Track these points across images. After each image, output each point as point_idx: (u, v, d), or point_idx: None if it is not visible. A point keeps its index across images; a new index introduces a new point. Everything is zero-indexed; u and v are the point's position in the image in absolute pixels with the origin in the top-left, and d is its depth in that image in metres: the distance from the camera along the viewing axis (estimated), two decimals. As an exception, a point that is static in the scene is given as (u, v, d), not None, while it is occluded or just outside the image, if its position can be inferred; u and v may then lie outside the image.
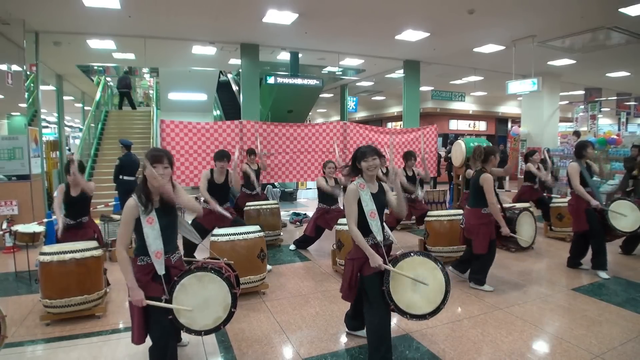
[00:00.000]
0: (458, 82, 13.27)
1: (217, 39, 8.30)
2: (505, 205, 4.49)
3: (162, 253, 2.32)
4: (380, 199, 2.72)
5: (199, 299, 2.36)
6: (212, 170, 4.59)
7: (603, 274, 4.49)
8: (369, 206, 2.63)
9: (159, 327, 2.33)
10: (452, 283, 4.25)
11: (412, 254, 2.64)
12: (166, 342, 2.38)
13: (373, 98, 18.22)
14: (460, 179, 7.80)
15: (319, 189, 5.64)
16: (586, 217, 4.51)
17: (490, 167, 4.06)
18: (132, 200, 2.30)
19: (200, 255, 4.47)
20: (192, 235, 2.80)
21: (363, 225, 2.66)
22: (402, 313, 2.55)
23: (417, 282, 2.55)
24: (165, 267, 2.36)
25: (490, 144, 9.05)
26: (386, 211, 3.21)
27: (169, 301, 2.29)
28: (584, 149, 4.60)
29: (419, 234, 6.44)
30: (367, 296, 2.67)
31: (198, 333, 2.38)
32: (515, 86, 9.11)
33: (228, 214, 4.47)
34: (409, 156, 5.87)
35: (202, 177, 4.58)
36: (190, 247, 4.37)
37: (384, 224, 2.80)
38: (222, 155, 4.52)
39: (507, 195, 10.39)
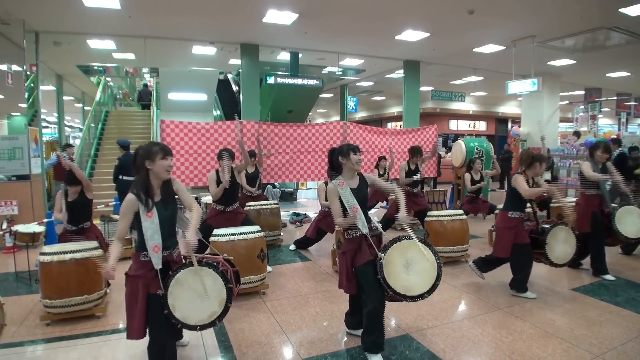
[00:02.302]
0: (458, 82, 13.27)
1: (217, 39, 8.30)
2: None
3: (160, 248, 2.32)
4: (361, 192, 2.82)
5: (194, 294, 2.35)
6: (217, 172, 4.56)
7: (607, 277, 4.45)
8: (350, 202, 2.73)
9: (157, 325, 2.33)
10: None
11: (401, 238, 2.74)
12: (164, 340, 2.37)
13: (373, 98, 18.23)
14: (460, 179, 7.80)
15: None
16: (591, 220, 4.48)
17: (532, 174, 3.82)
18: (132, 195, 2.30)
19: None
20: None
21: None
22: (402, 297, 2.65)
23: (408, 264, 2.68)
24: (167, 262, 2.37)
25: (491, 144, 9.10)
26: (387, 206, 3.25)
27: (165, 295, 2.28)
28: (594, 150, 4.51)
29: (419, 233, 6.44)
30: (363, 286, 2.79)
31: (193, 328, 2.37)
32: (515, 86, 9.11)
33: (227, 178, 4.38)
34: (415, 152, 5.81)
35: (210, 181, 4.54)
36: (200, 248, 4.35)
37: (370, 216, 2.92)
38: (224, 155, 4.48)
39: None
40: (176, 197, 2.49)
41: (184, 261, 2.50)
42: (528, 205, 4.33)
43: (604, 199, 4.48)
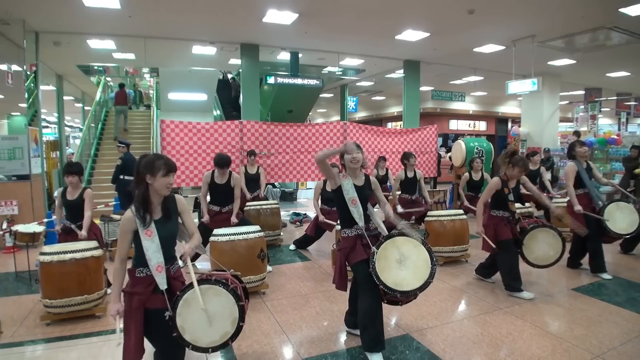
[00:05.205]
0: (458, 82, 13.27)
1: (217, 39, 8.30)
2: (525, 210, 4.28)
3: (164, 267, 2.19)
4: (364, 192, 2.86)
5: (204, 314, 2.21)
6: (213, 172, 4.54)
7: (604, 275, 4.48)
8: (350, 194, 2.77)
9: (162, 340, 2.22)
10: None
11: (394, 234, 2.75)
12: (175, 352, 2.28)
13: (373, 98, 18.22)
14: (460, 179, 7.79)
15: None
16: (584, 219, 4.50)
17: (509, 174, 3.88)
18: (130, 212, 2.18)
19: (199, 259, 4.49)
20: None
21: (346, 216, 2.81)
22: (392, 291, 2.63)
23: (401, 260, 2.68)
24: (166, 279, 2.23)
25: (491, 145, 9.10)
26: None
27: (173, 317, 2.16)
28: (572, 149, 4.59)
29: (419, 233, 6.44)
30: (358, 282, 2.83)
31: (205, 350, 2.22)
32: (515, 86, 9.11)
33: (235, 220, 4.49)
34: (407, 157, 5.87)
35: (203, 181, 4.54)
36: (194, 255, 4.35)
37: (374, 215, 2.95)
38: (223, 164, 4.41)
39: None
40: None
41: (184, 278, 2.37)
42: (527, 204, 4.35)
43: (592, 197, 4.49)
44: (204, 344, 2.21)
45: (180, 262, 2.35)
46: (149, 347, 2.28)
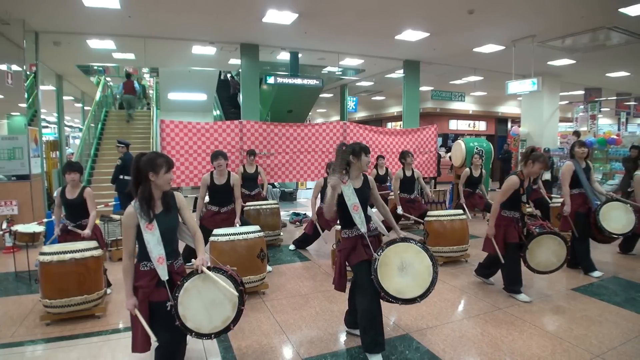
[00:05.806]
0: (458, 82, 13.26)
1: (217, 39, 8.30)
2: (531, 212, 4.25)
3: (164, 258, 2.28)
4: (364, 193, 2.84)
5: (204, 301, 2.28)
6: (211, 174, 4.55)
7: (595, 274, 4.48)
8: (352, 200, 2.76)
9: (166, 331, 2.27)
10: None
11: (396, 240, 2.75)
12: (176, 345, 2.34)
13: (373, 98, 18.22)
14: (460, 178, 7.80)
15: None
16: (574, 219, 4.48)
17: (527, 173, 3.80)
18: (131, 208, 2.26)
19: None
20: (192, 241, 2.76)
21: (347, 218, 2.80)
22: (394, 299, 2.65)
23: (403, 267, 2.67)
24: (168, 272, 2.30)
25: (491, 145, 9.10)
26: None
27: (175, 306, 2.23)
28: (572, 149, 4.61)
29: (418, 233, 6.45)
30: (357, 283, 2.83)
31: (208, 337, 2.30)
32: (515, 86, 9.11)
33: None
34: (405, 155, 5.86)
35: (201, 184, 4.55)
36: (190, 252, 4.35)
37: (374, 216, 2.95)
38: (218, 154, 4.46)
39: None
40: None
41: (186, 272, 2.43)
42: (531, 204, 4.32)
43: (588, 197, 4.48)
44: (206, 330, 2.29)
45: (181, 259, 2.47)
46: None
